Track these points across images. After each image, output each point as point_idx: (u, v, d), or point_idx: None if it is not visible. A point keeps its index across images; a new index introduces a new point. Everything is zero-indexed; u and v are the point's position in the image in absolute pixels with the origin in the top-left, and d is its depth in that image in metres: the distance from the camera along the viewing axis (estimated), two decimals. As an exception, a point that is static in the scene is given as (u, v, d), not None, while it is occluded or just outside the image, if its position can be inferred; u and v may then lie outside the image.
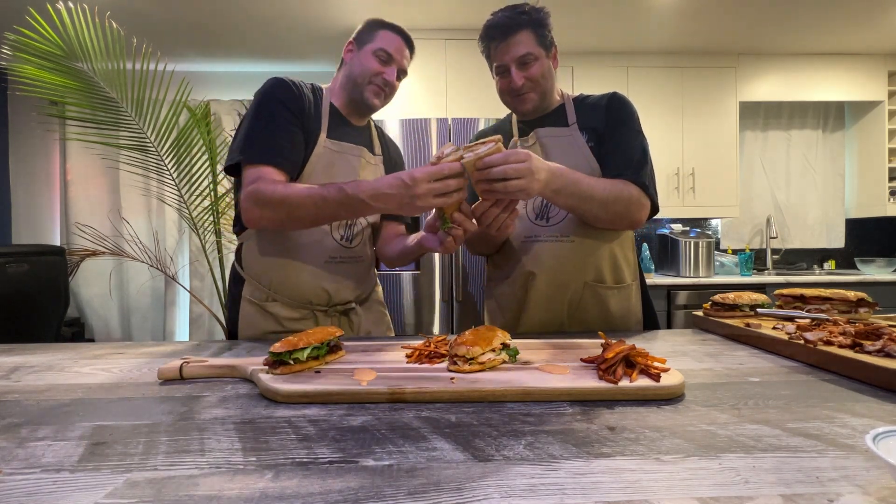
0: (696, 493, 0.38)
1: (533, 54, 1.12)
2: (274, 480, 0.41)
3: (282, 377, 0.69)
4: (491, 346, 0.73)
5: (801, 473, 0.41)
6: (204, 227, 2.87)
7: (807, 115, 3.77)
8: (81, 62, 2.34)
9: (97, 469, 0.43)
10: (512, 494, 0.38)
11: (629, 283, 1.21)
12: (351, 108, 1.19)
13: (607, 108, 1.17)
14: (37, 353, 0.92)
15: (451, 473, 0.42)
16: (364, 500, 0.38)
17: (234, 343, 1.03)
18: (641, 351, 0.68)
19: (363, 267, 1.21)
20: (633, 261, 1.23)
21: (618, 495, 0.38)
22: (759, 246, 3.77)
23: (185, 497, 0.38)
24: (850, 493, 0.38)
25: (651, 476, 0.41)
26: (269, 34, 3.10)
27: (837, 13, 2.92)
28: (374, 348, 0.89)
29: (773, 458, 0.44)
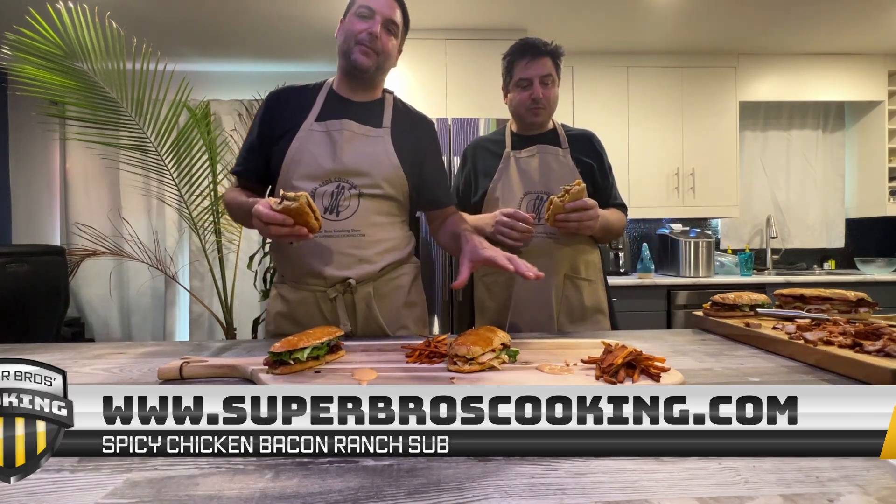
0: (696, 493, 0.38)
1: (552, 77, 1.36)
2: (274, 480, 0.41)
3: (282, 377, 0.70)
4: (491, 346, 0.73)
5: (801, 473, 0.41)
6: (204, 227, 2.87)
7: (807, 115, 3.77)
8: (81, 62, 2.34)
9: (97, 469, 0.43)
10: (512, 494, 0.38)
11: (594, 279, 1.40)
12: (348, 82, 1.18)
13: (595, 150, 1.43)
14: (37, 353, 0.92)
15: (451, 473, 0.42)
16: (364, 500, 0.38)
17: (234, 343, 1.03)
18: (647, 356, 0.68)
19: (362, 242, 1.12)
20: (597, 262, 1.43)
21: (618, 495, 0.38)
22: (759, 246, 3.77)
23: (185, 497, 0.38)
24: (850, 493, 0.38)
25: (651, 476, 0.41)
26: (269, 34, 3.10)
27: (837, 13, 2.92)
28: (375, 348, 0.89)
29: (773, 458, 0.44)
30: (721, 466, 0.43)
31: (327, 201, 1.10)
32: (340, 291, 1.11)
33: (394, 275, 1.18)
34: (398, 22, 1.16)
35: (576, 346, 0.89)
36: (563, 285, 1.35)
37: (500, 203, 1.37)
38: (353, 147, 1.12)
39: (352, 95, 1.18)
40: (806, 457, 0.44)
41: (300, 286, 1.13)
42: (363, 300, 1.13)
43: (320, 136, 1.12)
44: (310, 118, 1.13)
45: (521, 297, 1.34)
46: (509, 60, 1.38)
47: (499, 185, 1.39)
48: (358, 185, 1.11)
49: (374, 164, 1.12)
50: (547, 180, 1.36)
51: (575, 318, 1.36)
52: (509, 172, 1.39)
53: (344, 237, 1.11)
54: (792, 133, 3.78)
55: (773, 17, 2.96)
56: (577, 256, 1.36)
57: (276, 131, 1.15)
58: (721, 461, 0.44)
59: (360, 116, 1.15)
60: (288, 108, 1.17)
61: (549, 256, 1.33)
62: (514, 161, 1.40)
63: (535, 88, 1.33)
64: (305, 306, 1.13)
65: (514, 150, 1.41)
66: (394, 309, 1.17)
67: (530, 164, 1.39)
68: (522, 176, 1.38)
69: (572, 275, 1.36)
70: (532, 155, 1.39)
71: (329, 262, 1.10)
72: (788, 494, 0.38)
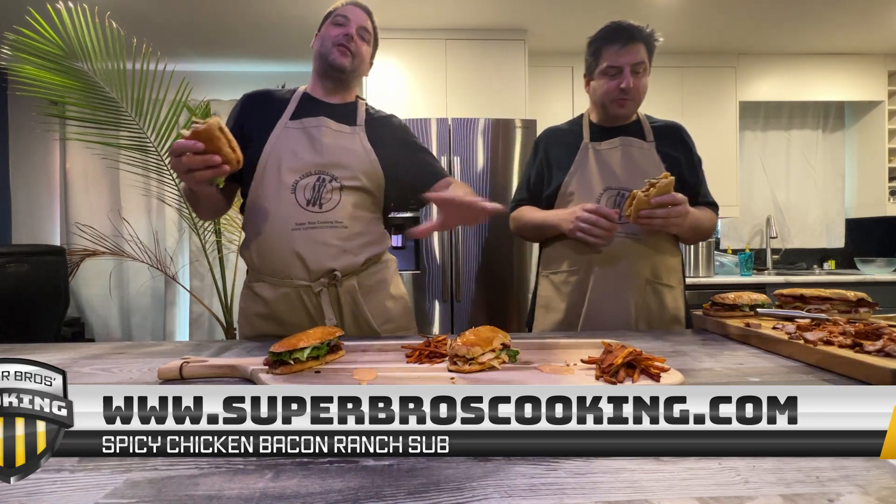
0: (695, 493, 0.38)
1: (644, 65, 1.25)
2: (274, 480, 0.41)
3: (282, 377, 0.70)
4: (491, 347, 0.73)
5: (801, 473, 0.41)
6: (204, 227, 2.87)
7: (807, 115, 3.77)
8: (81, 62, 2.34)
9: (97, 469, 0.43)
10: (512, 494, 0.38)
11: (676, 285, 1.29)
12: (323, 84, 1.23)
13: (682, 143, 1.32)
14: (37, 353, 0.92)
15: (451, 473, 0.42)
16: (364, 500, 0.38)
17: (234, 343, 1.03)
18: (647, 356, 0.68)
19: (345, 234, 1.13)
20: (678, 267, 1.33)
21: (618, 495, 0.38)
22: (759, 246, 3.77)
23: (185, 497, 0.38)
24: (850, 493, 0.38)
25: (651, 476, 0.41)
26: (269, 34, 3.10)
27: (837, 13, 2.91)
28: (375, 348, 0.89)
29: (773, 458, 0.44)
30: (721, 466, 0.43)
31: (309, 193, 1.12)
32: (325, 285, 1.12)
33: (375, 269, 1.21)
34: (370, 30, 1.23)
35: (576, 346, 0.89)
36: (644, 290, 1.24)
37: (575, 198, 1.27)
38: (332, 142, 1.15)
39: (326, 97, 1.23)
40: (806, 457, 0.44)
41: (280, 282, 1.13)
42: (348, 293, 1.14)
43: (297, 133, 1.16)
44: (283, 118, 1.17)
45: (597, 300, 1.24)
46: (597, 46, 1.27)
47: (574, 178, 1.28)
48: (339, 177, 1.14)
49: (353, 158, 1.16)
50: (630, 175, 1.25)
51: (653, 325, 1.26)
52: (587, 165, 1.28)
53: (328, 228, 1.12)
54: (792, 133, 3.78)
55: (773, 17, 2.96)
56: (659, 260, 1.26)
57: (248, 131, 1.17)
58: (721, 461, 0.44)
59: (334, 115, 1.19)
60: (261, 109, 1.20)
61: (630, 259, 1.23)
62: (592, 153, 1.28)
63: (626, 77, 1.22)
64: (288, 303, 1.13)
65: (593, 141, 1.30)
66: (379, 302, 1.19)
67: (612, 156, 1.27)
68: (602, 169, 1.27)
69: (654, 280, 1.25)
70: (614, 147, 1.27)
71: (313, 253, 1.11)
72: (788, 494, 0.38)
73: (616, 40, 1.24)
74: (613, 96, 1.25)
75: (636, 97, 1.26)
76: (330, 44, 1.18)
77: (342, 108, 1.23)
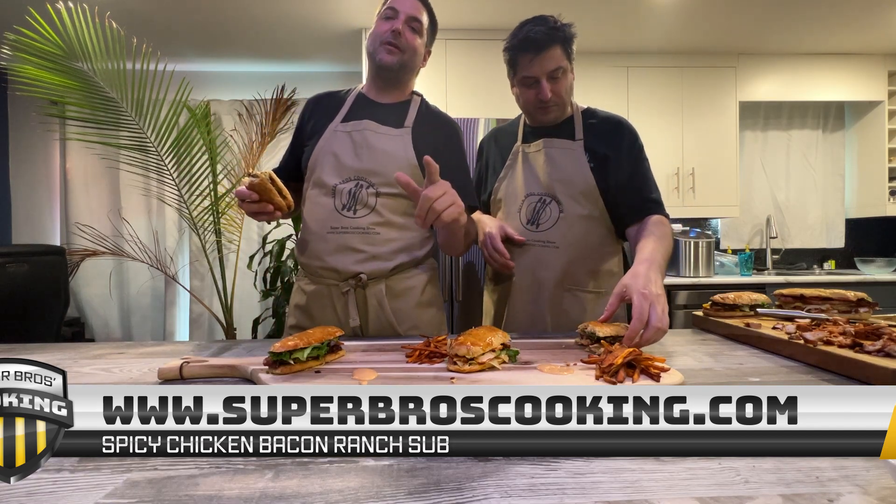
0: (695, 493, 0.38)
1: (563, 68, 1.18)
2: (274, 480, 0.41)
3: (282, 377, 0.70)
4: (491, 347, 0.73)
5: (801, 473, 0.41)
6: (204, 227, 2.87)
7: (807, 115, 3.77)
8: (81, 62, 2.34)
9: (97, 469, 0.43)
10: (512, 494, 0.38)
11: (607, 291, 1.21)
12: (375, 84, 1.22)
13: (617, 138, 1.21)
14: (37, 353, 0.92)
15: (451, 473, 0.42)
16: (364, 500, 0.38)
17: (234, 343, 1.03)
18: (647, 356, 0.68)
19: (375, 240, 1.13)
20: (618, 272, 1.25)
21: (618, 495, 0.38)
22: (759, 246, 3.77)
23: (185, 497, 0.38)
24: (850, 493, 0.38)
25: (651, 476, 0.41)
26: (269, 34, 3.10)
27: (837, 13, 2.91)
28: (375, 348, 0.89)
29: (773, 458, 0.44)
30: (721, 466, 0.43)
31: (346, 199, 1.14)
32: (352, 286, 1.14)
33: (407, 274, 1.19)
34: (423, 21, 1.19)
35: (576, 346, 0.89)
36: (560, 298, 1.20)
37: (503, 205, 1.26)
38: (372, 147, 1.15)
39: (378, 97, 1.23)
40: (806, 457, 0.44)
41: (317, 279, 1.18)
42: (375, 296, 1.15)
43: (343, 137, 1.17)
44: (336, 120, 1.19)
45: (515, 309, 1.24)
46: (511, 55, 1.20)
47: (503, 184, 1.27)
48: (375, 183, 1.14)
49: (392, 164, 1.14)
50: (550, 179, 1.20)
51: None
52: (515, 170, 1.26)
53: (358, 234, 1.13)
54: (792, 133, 3.78)
55: (773, 17, 2.96)
56: (579, 267, 1.20)
57: (308, 133, 1.23)
58: (721, 461, 0.44)
59: (381, 117, 1.18)
60: (319, 112, 1.24)
61: (545, 267, 1.20)
62: (521, 157, 1.26)
63: (544, 89, 1.16)
64: (319, 299, 1.17)
65: (524, 143, 1.27)
66: (406, 308, 1.18)
67: (536, 160, 1.23)
68: (527, 175, 1.24)
69: (573, 287, 1.20)
70: (538, 150, 1.23)
71: (342, 257, 1.13)
72: (788, 494, 0.38)
73: (528, 49, 1.15)
74: (535, 105, 1.20)
75: (559, 101, 1.20)
76: (378, 42, 1.16)
77: (392, 108, 1.21)
